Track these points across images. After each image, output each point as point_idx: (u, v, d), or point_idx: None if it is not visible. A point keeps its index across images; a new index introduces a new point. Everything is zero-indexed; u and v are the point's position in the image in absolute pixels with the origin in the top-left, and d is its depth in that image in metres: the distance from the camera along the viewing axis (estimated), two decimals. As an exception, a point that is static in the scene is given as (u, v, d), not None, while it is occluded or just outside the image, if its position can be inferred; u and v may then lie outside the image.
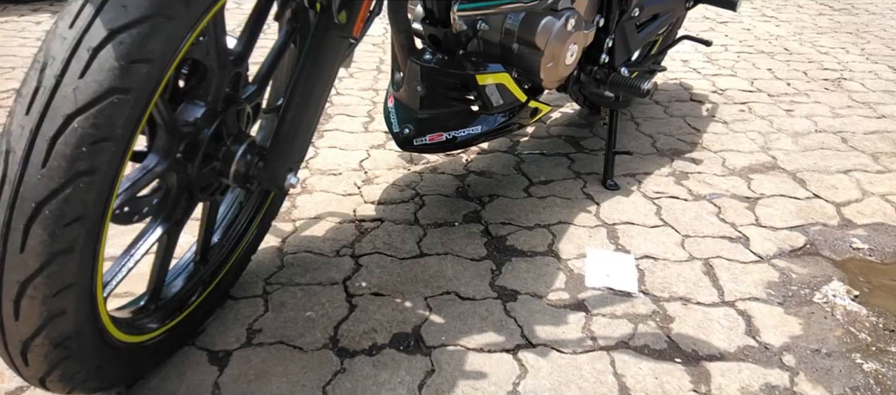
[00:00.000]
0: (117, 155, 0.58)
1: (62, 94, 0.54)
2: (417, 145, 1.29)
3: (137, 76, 0.56)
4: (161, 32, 0.57)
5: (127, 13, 0.55)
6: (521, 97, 1.30)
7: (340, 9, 0.79)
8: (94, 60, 0.54)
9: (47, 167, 0.54)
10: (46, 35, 0.58)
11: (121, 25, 0.55)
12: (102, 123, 0.55)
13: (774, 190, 1.51)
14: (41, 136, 0.55)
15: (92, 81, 0.54)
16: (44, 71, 0.55)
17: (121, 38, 0.55)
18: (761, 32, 2.96)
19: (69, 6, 0.57)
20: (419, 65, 1.22)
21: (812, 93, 2.16)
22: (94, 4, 0.55)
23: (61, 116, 0.54)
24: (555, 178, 1.56)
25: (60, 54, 0.55)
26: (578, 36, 1.28)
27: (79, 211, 0.56)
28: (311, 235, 1.29)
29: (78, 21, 0.56)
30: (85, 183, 0.55)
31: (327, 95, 0.90)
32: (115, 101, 0.55)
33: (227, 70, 0.78)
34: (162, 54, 0.58)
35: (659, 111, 1.98)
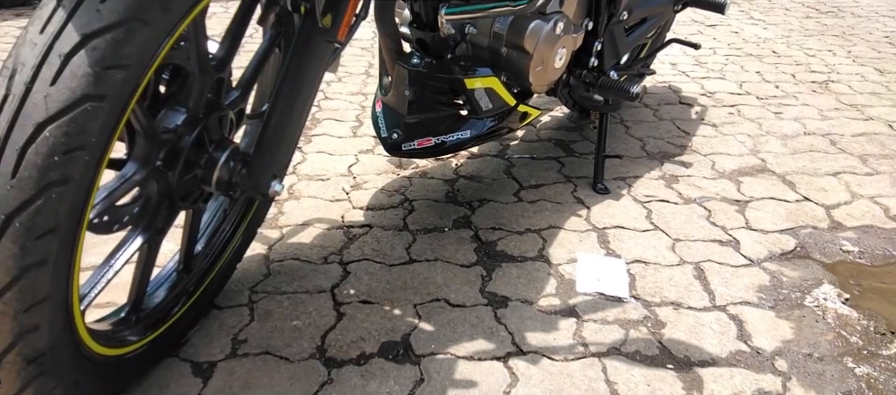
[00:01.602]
0: (92, 164, 0.56)
1: (33, 101, 0.52)
2: (406, 151, 1.28)
3: (112, 83, 0.54)
4: (137, 37, 0.55)
5: (101, 18, 0.53)
6: (510, 101, 1.29)
7: (325, 12, 0.77)
8: (66, 67, 0.52)
9: (17, 178, 0.52)
10: (16, 40, 0.56)
11: (94, 30, 0.53)
12: (75, 132, 0.53)
13: (764, 193, 1.51)
14: (10, 145, 0.53)
15: (64, 87, 0.52)
16: (13, 78, 0.53)
17: (94, 43, 0.53)
18: (749, 35, 2.97)
19: (40, 11, 0.55)
20: (407, 69, 1.21)
21: (800, 95, 2.17)
22: (67, 9, 0.54)
23: (32, 125, 0.52)
24: (545, 182, 1.55)
25: (31, 61, 0.53)
26: (567, 40, 1.27)
27: (51, 222, 0.54)
28: (298, 241, 1.27)
29: (49, 26, 0.54)
30: (57, 193, 0.53)
31: (312, 100, 0.88)
32: (89, 108, 0.53)
33: (208, 76, 0.76)
34: (138, 60, 0.56)
35: (648, 114, 1.98)
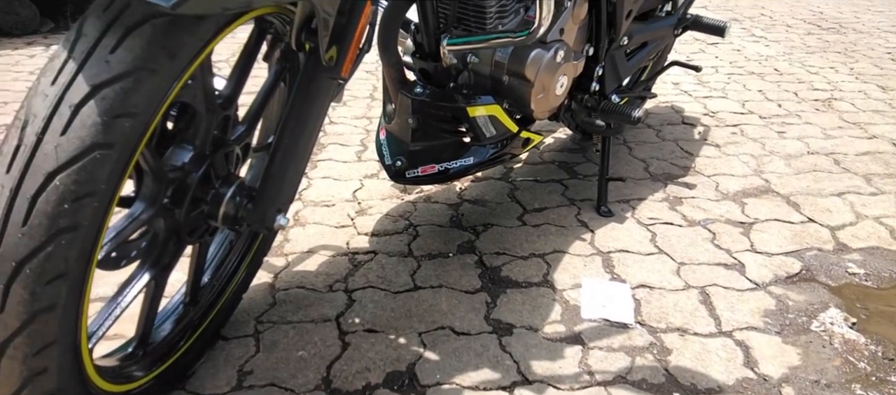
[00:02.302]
0: (100, 210, 0.57)
1: (43, 151, 0.54)
2: (410, 178, 1.29)
3: (120, 131, 0.56)
4: (145, 86, 0.57)
5: (110, 68, 0.55)
6: (513, 128, 1.30)
7: (329, 50, 0.78)
8: (76, 117, 0.54)
9: (28, 226, 0.53)
10: (28, 92, 0.57)
11: (103, 81, 0.55)
12: (85, 179, 0.54)
13: (769, 214, 1.51)
14: (22, 194, 0.54)
15: (74, 137, 0.54)
16: (25, 129, 0.55)
17: (104, 93, 0.54)
18: (751, 53, 2.98)
19: (52, 62, 0.57)
20: (410, 98, 1.22)
21: (803, 114, 2.18)
22: (77, 60, 0.55)
23: (43, 174, 0.54)
24: (549, 205, 1.56)
25: (42, 112, 0.55)
26: (568, 67, 1.28)
27: (61, 268, 0.55)
28: (303, 269, 1.28)
29: (60, 77, 0.55)
30: (67, 240, 0.55)
31: (317, 135, 0.90)
32: (98, 156, 0.54)
33: (215, 114, 0.77)
34: (146, 108, 0.58)
35: (651, 135, 1.99)
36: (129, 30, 0.56)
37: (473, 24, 1.17)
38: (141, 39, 0.56)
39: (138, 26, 0.56)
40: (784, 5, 4.24)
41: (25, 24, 3.03)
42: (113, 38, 0.56)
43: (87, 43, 0.56)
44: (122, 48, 0.56)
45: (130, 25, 0.56)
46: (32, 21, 3.06)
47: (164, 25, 0.57)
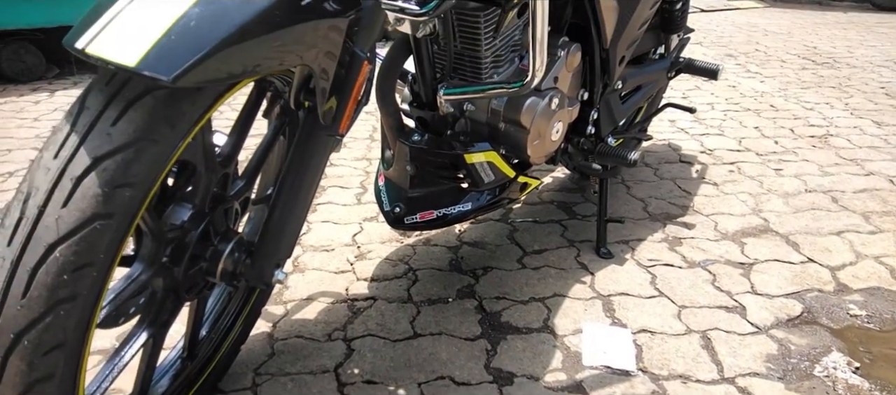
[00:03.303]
0: (99, 278, 0.57)
1: (45, 224, 0.55)
2: (408, 224, 1.30)
3: (121, 201, 0.57)
4: (145, 156, 0.58)
5: (111, 140, 0.56)
6: (510, 173, 1.31)
7: (327, 108, 0.80)
8: (77, 189, 0.55)
9: (27, 298, 0.54)
10: (31, 164, 0.59)
11: (105, 153, 0.56)
12: (84, 250, 0.55)
13: (768, 255, 1.51)
14: (22, 266, 0.54)
15: (74, 209, 0.55)
16: (27, 201, 0.56)
17: (105, 165, 0.56)
18: (747, 89, 3.02)
19: (55, 135, 0.58)
20: (408, 146, 1.24)
21: (800, 151, 2.19)
22: (79, 134, 0.56)
23: (43, 246, 0.54)
24: (548, 246, 1.56)
25: (44, 185, 0.56)
26: (563, 113, 1.30)
27: (59, 338, 0.56)
28: (302, 317, 1.28)
29: (62, 151, 0.57)
30: (66, 310, 0.55)
31: (315, 190, 0.91)
32: (98, 227, 0.55)
33: (215, 172, 0.78)
34: (146, 177, 0.59)
35: (649, 174, 2.00)
36: (130, 102, 0.58)
37: (469, 74, 1.19)
38: (142, 111, 0.58)
39: (140, 99, 0.58)
40: (778, 40, 4.31)
41: (31, 70, 3.09)
42: (115, 111, 0.57)
43: (90, 116, 0.57)
44: (124, 120, 0.57)
45: (132, 98, 0.58)
46: (38, 68, 3.12)
47: (165, 96, 0.59)
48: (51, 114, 2.61)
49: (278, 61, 0.66)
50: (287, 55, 0.66)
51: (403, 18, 1.06)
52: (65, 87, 3.04)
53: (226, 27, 0.58)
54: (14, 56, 3.03)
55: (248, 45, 0.60)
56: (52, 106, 2.72)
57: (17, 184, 1.88)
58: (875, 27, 4.85)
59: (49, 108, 2.69)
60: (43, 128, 2.43)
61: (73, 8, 3.07)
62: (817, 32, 4.62)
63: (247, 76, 0.62)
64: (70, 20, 3.08)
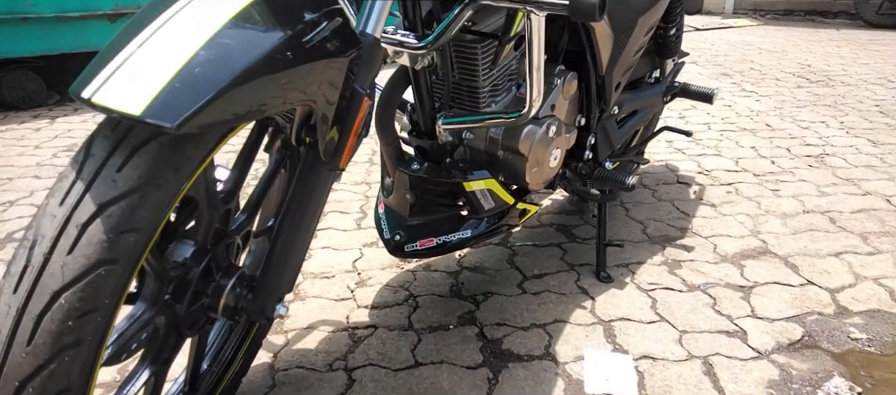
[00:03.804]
0: (104, 323, 0.58)
1: (50, 271, 0.55)
2: (409, 251, 1.30)
3: (125, 246, 0.57)
4: (150, 201, 0.59)
5: (116, 187, 0.57)
6: (509, 200, 1.32)
7: (327, 144, 0.81)
8: (82, 236, 0.56)
9: (32, 345, 0.54)
10: (38, 211, 0.59)
11: (110, 199, 0.57)
12: (89, 296, 0.56)
13: (768, 277, 1.51)
14: (28, 314, 0.55)
15: (80, 256, 0.55)
16: (33, 249, 0.56)
17: (110, 211, 0.56)
18: (742, 108, 3.04)
19: (61, 182, 0.59)
20: (408, 174, 1.25)
21: (797, 170, 2.20)
22: (85, 181, 0.57)
23: (48, 293, 0.55)
24: (548, 271, 1.56)
25: (50, 232, 0.56)
26: (560, 140, 1.31)
27: (64, 384, 0.56)
28: (303, 347, 1.28)
29: (68, 198, 0.57)
30: (70, 356, 0.55)
31: (316, 224, 0.91)
32: (103, 273, 0.56)
33: (217, 209, 0.79)
34: (151, 221, 0.59)
35: (647, 195, 2.01)
36: (135, 148, 0.59)
37: (467, 103, 1.20)
38: (147, 157, 0.59)
39: (144, 144, 0.59)
40: (773, 58, 4.35)
41: (32, 98, 3.11)
42: (120, 158, 0.58)
43: (95, 163, 0.58)
44: (129, 166, 0.58)
45: (137, 144, 0.59)
46: (39, 95, 3.14)
47: (170, 141, 0.60)
48: (51, 141, 2.62)
49: (282, 102, 0.67)
50: (290, 96, 0.67)
51: (402, 51, 1.07)
52: (65, 113, 3.06)
53: (230, 71, 0.59)
54: (15, 84, 3.05)
55: (252, 88, 0.61)
56: (52, 133, 2.73)
57: (17, 213, 1.89)
58: (868, 45, 4.90)
59: (50, 135, 2.70)
60: (43, 155, 2.44)
61: (75, 36, 3.10)
62: (811, 50, 4.67)
63: (250, 118, 0.63)
64: (71, 48, 3.11)
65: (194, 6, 0.63)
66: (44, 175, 2.23)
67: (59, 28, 3.04)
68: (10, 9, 2.88)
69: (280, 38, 0.65)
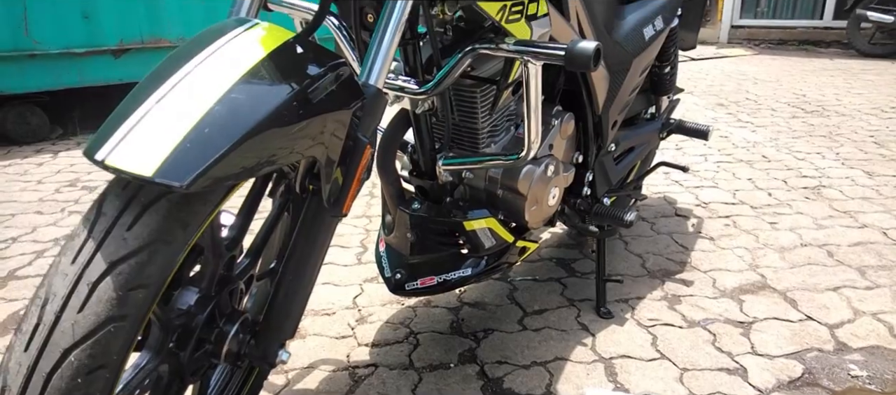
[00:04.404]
0: (112, 379, 0.59)
1: (61, 329, 0.56)
2: (409, 290, 1.31)
3: (134, 302, 0.58)
4: (159, 257, 0.60)
5: (126, 245, 0.58)
6: (509, 238, 1.33)
7: (331, 192, 0.83)
8: (93, 294, 0.57)
9: (41, 402, 0.55)
10: (49, 269, 0.61)
11: (120, 257, 0.58)
12: (98, 353, 0.57)
13: (767, 312, 1.52)
14: (38, 372, 0.56)
15: (90, 313, 0.56)
16: (44, 307, 0.58)
17: (120, 269, 0.58)
18: (738, 139, 3.08)
19: (72, 241, 0.60)
20: (408, 214, 1.26)
21: (793, 203, 2.22)
22: (96, 239, 0.59)
23: (59, 351, 0.56)
24: (548, 306, 1.56)
25: (61, 291, 0.58)
26: (559, 179, 1.33)
27: (70, 439, 0.57)
28: (304, 387, 1.27)
29: (80, 256, 0.59)
30: (77, 412, 0.56)
31: (319, 269, 0.92)
32: (112, 329, 0.57)
33: (222, 256, 0.80)
34: (159, 277, 0.61)
35: (646, 228, 2.02)
36: (145, 207, 0.60)
37: (467, 144, 1.22)
38: (157, 215, 0.60)
39: (154, 203, 0.60)
40: (767, 88, 4.41)
41: (36, 132, 3.14)
42: (130, 216, 0.60)
43: (107, 222, 0.60)
44: (139, 224, 0.60)
45: (147, 203, 0.60)
46: (42, 129, 3.17)
47: (179, 198, 0.62)
48: (54, 176, 2.64)
49: (289, 155, 0.68)
50: (298, 148, 0.69)
51: (403, 96, 1.10)
52: (68, 147, 3.08)
53: (239, 129, 0.61)
54: (19, 118, 3.09)
55: (261, 144, 0.63)
56: (55, 168, 2.76)
57: (19, 250, 1.89)
58: (861, 74, 4.97)
59: (52, 170, 2.73)
60: (46, 191, 2.46)
61: (80, 71, 3.15)
62: (805, 80, 4.74)
63: (258, 172, 0.65)
64: (76, 83, 3.16)
65: (205, 67, 0.66)
66: (46, 211, 2.25)
67: (64, 64, 3.09)
68: (16, 46, 2.93)
69: (288, 94, 0.67)
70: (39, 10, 2.96)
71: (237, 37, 0.71)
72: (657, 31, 1.49)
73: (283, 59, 0.71)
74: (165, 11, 3.33)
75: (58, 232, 2.06)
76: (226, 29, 0.72)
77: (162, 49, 3.35)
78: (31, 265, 1.83)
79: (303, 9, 1.15)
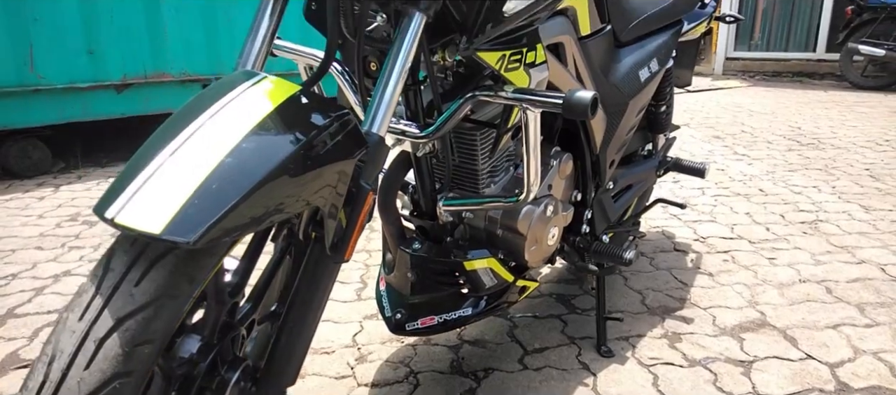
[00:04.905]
0: (114, 435, 0.59)
1: (67, 386, 0.57)
2: (410, 330, 1.31)
3: (140, 357, 0.59)
4: (165, 312, 0.61)
5: (134, 300, 0.59)
6: (509, 278, 1.34)
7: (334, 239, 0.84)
8: (99, 351, 0.57)
9: (46, 460, 0.55)
10: (56, 325, 0.61)
11: (127, 314, 0.59)
12: (102, 409, 0.57)
13: (767, 351, 1.52)
14: (43, 429, 0.56)
15: (96, 370, 0.57)
16: (51, 364, 0.58)
17: (127, 325, 0.59)
18: (735, 172, 3.10)
19: (80, 297, 0.61)
20: (409, 254, 1.27)
21: (791, 238, 2.23)
22: (104, 296, 0.60)
23: (64, 408, 0.56)
24: (549, 344, 1.56)
25: (68, 348, 0.58)
26: (558, 218, 1.34)
27: None
28: (304, 429, 1.27)
29: (87, 313, 0.60)
30: (79, 469, 0.56)
31: (321, 314, 0.93)
32: (117, 386, 0.57)
33: (225, 304, 0.81)
34: (165, 332, 0.61)
35: (645, 264, 2.03)
36: (153, 262, 0.61)
37: (467, 185, 1.24)
38: (164, 270, 0.61)
39: (162, 258, 0.62)
40: (763, 121, 4.46)
41: (37, 166, 3.16)
42: (138, 272, 0.61)
43: (114, 278, 0.61)
44: (147, 280, 0.61)
45: (154, 258, 0.61)
46: (44, 162, 3.19)
47: (186, 252, 0.63)
48: (55, 211, 2.65)
49: (295, 205, 0.70)
50: (303, 198, 0.71)
51: (405, 140, 1.12)
52: (69, 181, 3.10)
53: (247, 183, 0.63)
54: (21, 153, 3.11)
55: (267, 197, 0.65)
56: (56, 202, 2.77)
57: (19, 286, 1.89)
58: (855, 106, 5.04)
59: (53, 204, 2.74)
60: (47, 226, 2.46)
61: (83, 105, 3.19)
62: (801, 112, 4.80)
63: (264, 225, 0.66)
64: (80, 116, 3.19)
65: (214, 122, 0.67)
66: (47, 246, 2.25)
67: (68, 98, 3.13)
68: (21, 82, 2.97)
69: (294, 147, 0.69)
70: (45, 47, 3.01)
71: (245, 91, 0.73)
72: (652, 73, 1.53)
73: (289, 113, 0.73)
74: (169, 46, 3.38)
75: (58, 268, 2.06)
76: (235, 83, 0.74)
77: (165, 84, 3.40)
78: (30, 303, 1.83)
79: (307, 55, 1.18)
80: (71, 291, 1.89)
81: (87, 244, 2.25)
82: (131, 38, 3.24)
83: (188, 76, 3.45)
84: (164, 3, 3.31)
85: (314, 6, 1.05)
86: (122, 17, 3.20)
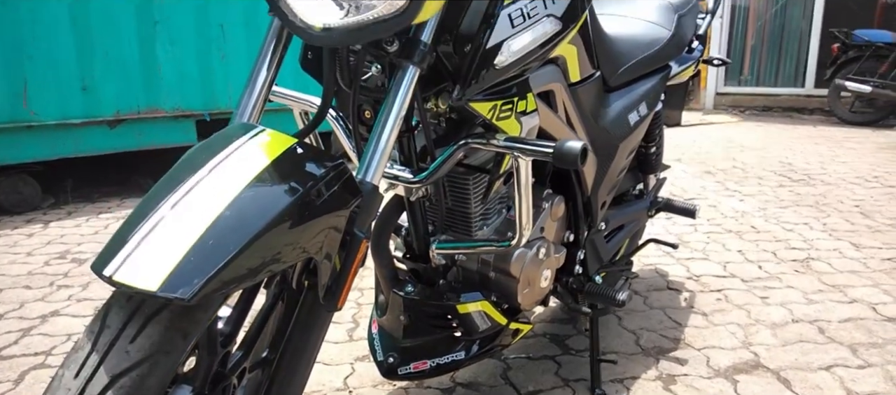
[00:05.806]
0: None
1: (63, 444, 0.56)
2: (402, 374, 1.30)
3: (132, 415, 0.59)
4: (159, 368, 0.61)
5: (129, 358, 0.59)
6: (502, 320, 1.33)
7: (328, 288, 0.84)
8: (95, 411, 0.57)
9: None
10: (52, 382, 0.61)
11: (122, 371, 0.59)
12: (91, 473, 0.56)
13: (762, 393, 1.51)
14: None
15: (90, 429, 0.56)
16: (44, 423, 0.57)
17: (121, 382, 0.58)
18: (727, 209, 3.13)
19: (76, 353, 0.61)
20: (402, 296, 1.27)
21: (783, 276, 2.24)
22: (100, 353, 0.59)
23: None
24: (543, 387, 1.55)
25: (63, 407, 0.58)
26: (551, 261, 1.35)
27: None
28: (293, 477, 1.24)
29: (83, 370, 0.59)
30: None
31: (314, 363, 0.92)
32: (110, 443, 0.57)
33: (216, 354, 0.80)
34: (159, 387, 0.61)
35: (639, 303, 2.03)
36: (148, 318, 0.61)
37: (460, 228, 1.25)
38: (159, 326, 0.61)
39: (157, 314, 0.62)
40: (754, 156, 4.52)
41: (27, 201, 3.14)
42: (133, 328, 0.61)
43: (110, 335, 0.61)
44: (142, 336, 0.60)
45: (150, 314, 0.61)
46: (34, 198, 3.17)
47: (181, 308, 0.63)
48: (44, 248, 2.63)
49: (289, 257, 0.70)
50: (297, 250, 0.71)
51: (398, 184, 1.13)
52: (59, 217, 3.08)
53: (242, 237, 0.63)
54: (11, 189, 3.09)
55: (264, 250, 0.65)
56: (45, 239, 2.74)
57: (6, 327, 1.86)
58: (844, 142, 5.11)
59: (42, 241, 2.71)
60: (35, 264, 2.44)
61: (75, 141, 3.19)
62: (791, 147, 4.86)
63: (260, 277, 0.66)
64: (72, 152, 3.19)
65: (211, 178, 0.68)
66: (35, 285, 2.22)
67: (61, 134, 3.13)
68: (14, 118, 2.97)
69: (290, 199, 0.70)
70: (40, 83, 3.02)
71: (243, 145, 0.74)
72: (642, 116, 1.55)
73: (286, 165, 0.73)
74: (163, 82, 3.40)
75: (46, 308, 2.03)
76: (233, 137, 0.75)
77: (158, 119, 3.41)
78: (16, 344, 1.80)
79: (303, 101, 1.19)
80: (58, 331, 1.87)
81: (76, 283, 2.23)
82: (125, 74, 3.26)
83: (182, 112, 3.46)
84: (159, 39, 3.34)
85: (310, 55, 1.07)
86: (117, 52, 3.22)
